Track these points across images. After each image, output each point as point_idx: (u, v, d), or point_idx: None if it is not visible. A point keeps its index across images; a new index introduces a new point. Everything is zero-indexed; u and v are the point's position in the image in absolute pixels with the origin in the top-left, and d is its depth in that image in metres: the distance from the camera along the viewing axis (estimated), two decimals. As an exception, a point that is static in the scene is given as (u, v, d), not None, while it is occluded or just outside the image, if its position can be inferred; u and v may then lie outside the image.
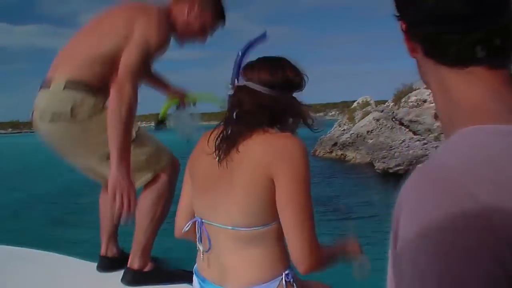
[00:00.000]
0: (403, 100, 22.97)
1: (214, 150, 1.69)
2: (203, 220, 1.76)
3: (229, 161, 1.65)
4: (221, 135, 1.69)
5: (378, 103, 31.66)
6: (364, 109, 29.64)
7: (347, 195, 17.25)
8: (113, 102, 2.32)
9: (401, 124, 22.38)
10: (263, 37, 1.93)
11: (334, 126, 31.51)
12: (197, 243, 1.80)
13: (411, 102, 22.17)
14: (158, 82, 3.07)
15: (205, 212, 1.76)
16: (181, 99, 3.07)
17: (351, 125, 28.70)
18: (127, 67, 2.35)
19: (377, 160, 21.34)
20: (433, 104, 17.01)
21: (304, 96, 1.75)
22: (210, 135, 1.76)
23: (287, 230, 1.62)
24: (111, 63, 2.41)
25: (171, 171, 2.66)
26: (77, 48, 2.53)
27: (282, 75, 1.69)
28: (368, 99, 31.44)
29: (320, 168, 25.94)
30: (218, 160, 1.67)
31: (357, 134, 26.82)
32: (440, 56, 0.84)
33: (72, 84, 2.44)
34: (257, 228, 1.65)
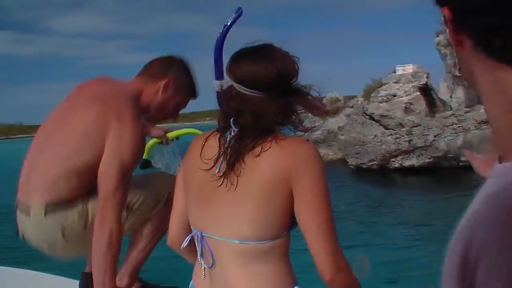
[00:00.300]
0: (372, 95, 23.09)
1: (213, 161, 1.57)
2: (203, 234, 1.61)
3: (234, 172, 1.52)
4: (221, 145, 1.57)
5: (346, 99, 31.77)
6: (334, 105, 29.74)
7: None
8: (96, 235, 2.17)
9: (372, 119, 22.49)
10: (239, 15, 1.83)
11: (304, 123, 31.49)
12: (199, 259, 1.65)
13: (381, 96, 22.32)
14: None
15: (206, 226, 1.61)
16: (163, 137, 2.99)
17: (322, 121, 28.78)
18: (107, 197, 2.17)
19: (350, 156, 21.42)
20: (403, 98, 17.02)
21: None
22: (205, 142, 1.63)
23: (311, 237, 1.51)
24: (88, 174, 2.23)
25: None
26: (47, 163, 2.27)
27: (277, 70, 1.54)
28: (337, 95, 31.57)
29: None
30: (219, 171, 1.55)
31: (329, 130, 26.88)
32: (499, 53, 0.67)
33: (52, 207, 2.24)
34: (266, 242, 1.53)
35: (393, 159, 19.50)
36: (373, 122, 22.23)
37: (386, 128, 21.24)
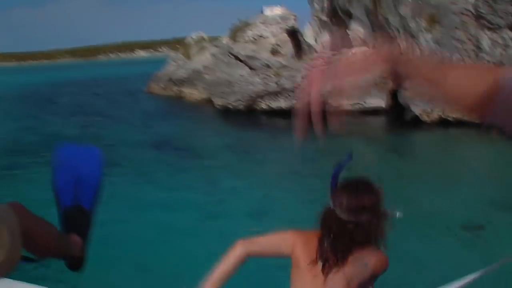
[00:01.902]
0: (239, 35, 22.60)
1: (314, 265, 1.87)
2: None
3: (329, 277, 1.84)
4: (317, 254, 1.88)
5: (212, 39, 31.09)
6: (200, 45, 28.95)
7: (190, 136, 16.59)
8: None
9: (238, 59, 22.02)
10: (349, 159, 2.03)
11: (169, 62, 30.64)
12: None
13: (248, 37, 21.89)
14: None
15: None
16: None
17: (187, 61, 27.95)
18: None
19: (216, 96, 20.95)
20: (270, 39, 16.84)
21: (133, 34, 1.03)
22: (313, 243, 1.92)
23: None
24: None
25: None
26: None
27: (365, 201, 1.82)
28: (203, 35, 30.77)
29: (156, 106, 24.98)
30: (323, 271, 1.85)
31: (193, 70, 26.17)
32: None
33: None
34: None
35: (260, 100, 19.31)
36: (239, 62, 21.79)
37: (252, 69, 20.93)
